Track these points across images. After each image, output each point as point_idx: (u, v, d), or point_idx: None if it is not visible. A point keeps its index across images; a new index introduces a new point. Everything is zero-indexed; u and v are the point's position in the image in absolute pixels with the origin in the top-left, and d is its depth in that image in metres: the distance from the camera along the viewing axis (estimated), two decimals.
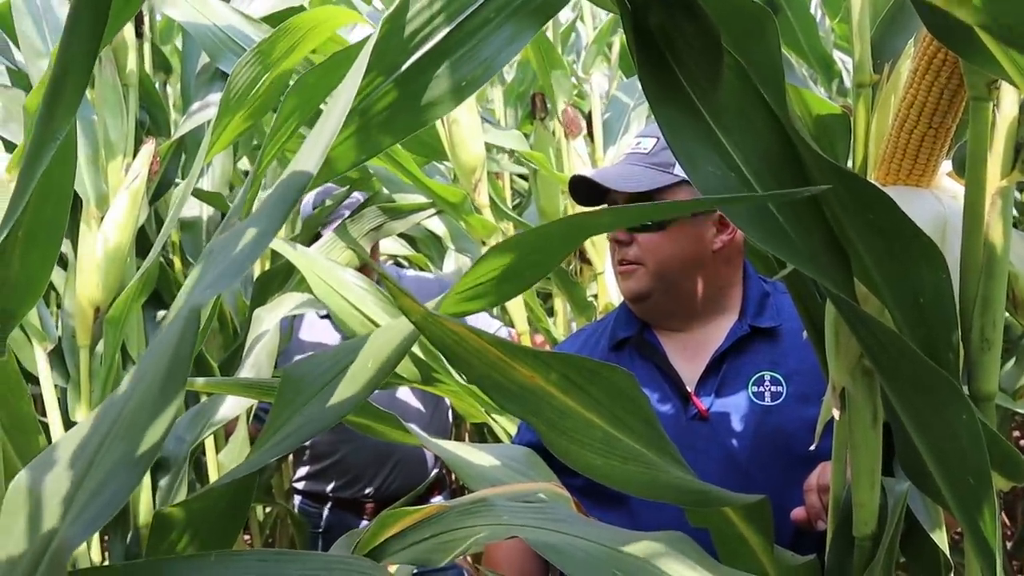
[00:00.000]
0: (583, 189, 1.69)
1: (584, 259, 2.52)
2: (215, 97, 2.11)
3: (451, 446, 1.30)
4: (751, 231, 0.91)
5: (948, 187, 1.11)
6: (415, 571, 2.09)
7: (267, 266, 2.63)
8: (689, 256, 1.65)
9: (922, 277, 0.89)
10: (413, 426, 1.49)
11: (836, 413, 0.98)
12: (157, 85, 2.34)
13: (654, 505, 1.32)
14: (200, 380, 1.74)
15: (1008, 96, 0.92)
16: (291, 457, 2.98)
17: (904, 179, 1.06)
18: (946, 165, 1.12)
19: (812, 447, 1.10)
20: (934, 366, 0.82)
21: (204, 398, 2.09)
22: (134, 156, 1.86)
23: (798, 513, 1.41)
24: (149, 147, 1.78)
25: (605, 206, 1.66)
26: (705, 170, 0.94)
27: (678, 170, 1.60)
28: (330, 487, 2.79)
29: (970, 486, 0.84)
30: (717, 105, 0.99)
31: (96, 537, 1.76)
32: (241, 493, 0.93)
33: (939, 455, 0.86)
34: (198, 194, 2.32)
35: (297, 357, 2.55)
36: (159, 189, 2.07)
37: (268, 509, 3.30)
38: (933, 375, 0.83)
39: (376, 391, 1.49)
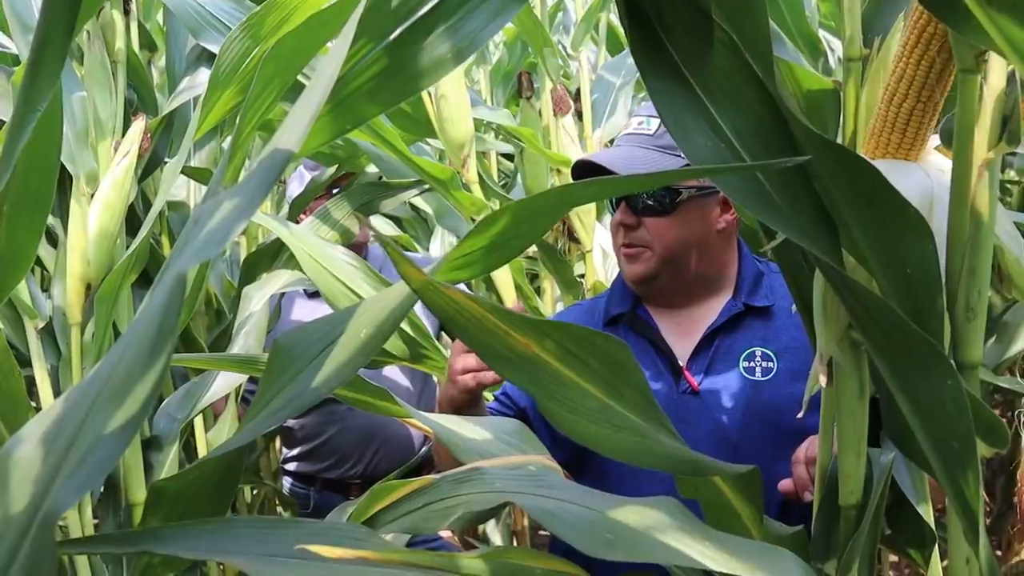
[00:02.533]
0: (585, 173, 1.67)
1: (572, 238, 2.52)
2: (204, 75, 2.10)
3: (442, 419, 1.31)
4: (741, 201, 0.91)
5: (936, 161, 1.11)
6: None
7: (253, 247, 2.63)
8: (696, 238, 1.66)
9: (908, 247, 0.90)
10: (403, 402, 1.49)
11: (823, 381, 0.99)
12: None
13: (635, 482, 1.32)
14: (191, 356, 1.74)
15: (995, 69, 0.93)
16: (279, 440, 3.00)
17: (893, 153, 1.07)
18: (934, 139, 1.13)
19: (799, 415, 1.11)
20: (920, 332, 0.83)
21: (194, 378, 2.09)
22: (123, 134, 1.85)
23: (786, 485, 1.43)
24: (140, 124, 1.77)
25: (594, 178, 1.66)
26: (696, 141, 0.95)
27: None
28: (318, 468, 2.81)
29: (954, 450, 0.85)
30: (707, 78, 1.00)
31: (89, 515, 1.76)
32: (232, 466, 0.93)
33: (924, 420, 0.87)
34: (187, 171, 2.31)
35: None
36: (147, 167, 2.06)
37: (256, 491, 3.32)
38: (919, 341, 0.84)
39: (365, 370, 1.50)
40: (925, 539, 1.29)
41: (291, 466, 2.89)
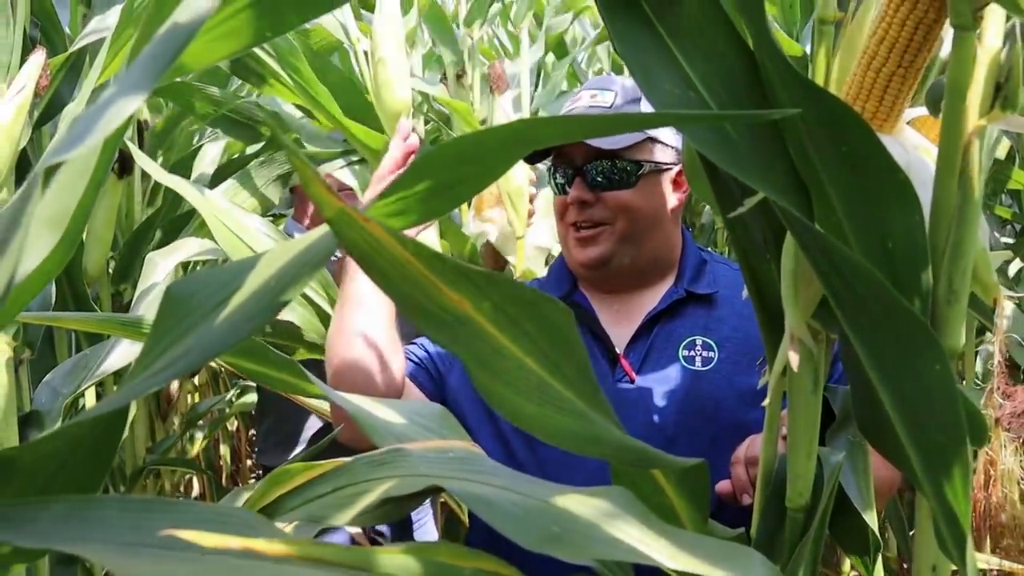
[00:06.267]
0: (539, 155, 1.61)
1: None
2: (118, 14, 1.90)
3: (355, 398, 1.18)
4: (709, 152, 0.81)
5: (910, 136, 1.03)
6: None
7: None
8: (652, 216, 1.59)
9: (893, 219, 0.81)
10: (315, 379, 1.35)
11: (794, 362, 0.89)
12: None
13: (560, 476, 1.22)
14: (65, 315, 1.55)
15: (992, 27, 0.84)
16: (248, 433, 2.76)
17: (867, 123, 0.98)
18: (907, 114, 1.05)
19: (765, 402, 1.02)
20: (905, 305, 0.74)
21: (86, 348, 1.90)
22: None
23: (723, 486, 1.34)
24: (38, 58, 1.56)
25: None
26: (662, 89, 0.84)
27: None
28: (299, 449, 2.59)
29: (939, 444, 0.76)
30: (676, 23, 0.90)
31: None
32: (107, 435, 0.78)
33: (905, 409, 0.77)
34: None
35: None
36: (48, 111, 1.86)
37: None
38: (905, 317, 0.74)
39: None
40: (868, 545, 1.22)
41: (266, 460, 2.66)
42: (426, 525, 2.53)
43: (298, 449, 2.64)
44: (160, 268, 2.02)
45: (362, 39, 2.04)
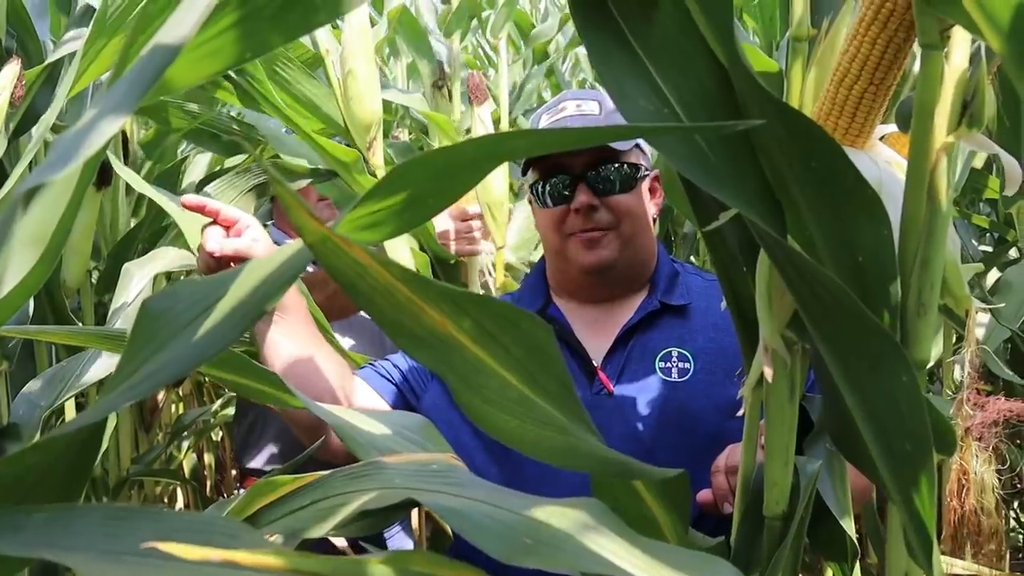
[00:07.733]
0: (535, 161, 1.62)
1: None
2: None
3: (338, 411, 1.18)
4: (685, 168, 0.82)
5: (883, 152, 1.05)
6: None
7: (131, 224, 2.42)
8: (645, 219, 1.62)
9: (862, 232, 0.83)
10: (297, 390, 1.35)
11: (768, 373, 0.91)
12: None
13: (543, 487, 1.23)
14: (43, 328, 1.54)
15: (959, 47, 0.87)
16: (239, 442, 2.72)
17: (840, 139, 1.00)
18: (879, 130, 1.07)
19: (740, 412, 1.03)
20: (873, 318, 0.76)
21: (63, 360, 1.89)
22: None
23: (704, 495, 1.35)
24: (13, 67, 1.56)
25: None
26: (637, 104, 0.86)
27: None
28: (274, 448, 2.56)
29: (906, 453, 0.77)
30: (650, 40, 0.91)
31: None
32: (85, 449, 0.78)
33: (874, 419, 0.79)
34: (60, 130, 2.10)
35: None
36: (25, 122, 1.85)
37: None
38: (872, 329, 0.76)
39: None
40: (847, 553, 1.23)
41: (262, 463, 2.64)
42: (396, 537, 2.52)
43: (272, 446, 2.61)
44: (136, 279, 2.01)
45: (331, 51, 2.05)
